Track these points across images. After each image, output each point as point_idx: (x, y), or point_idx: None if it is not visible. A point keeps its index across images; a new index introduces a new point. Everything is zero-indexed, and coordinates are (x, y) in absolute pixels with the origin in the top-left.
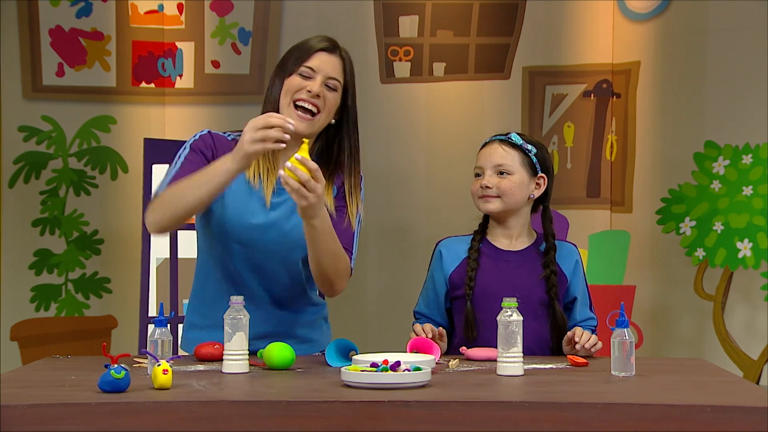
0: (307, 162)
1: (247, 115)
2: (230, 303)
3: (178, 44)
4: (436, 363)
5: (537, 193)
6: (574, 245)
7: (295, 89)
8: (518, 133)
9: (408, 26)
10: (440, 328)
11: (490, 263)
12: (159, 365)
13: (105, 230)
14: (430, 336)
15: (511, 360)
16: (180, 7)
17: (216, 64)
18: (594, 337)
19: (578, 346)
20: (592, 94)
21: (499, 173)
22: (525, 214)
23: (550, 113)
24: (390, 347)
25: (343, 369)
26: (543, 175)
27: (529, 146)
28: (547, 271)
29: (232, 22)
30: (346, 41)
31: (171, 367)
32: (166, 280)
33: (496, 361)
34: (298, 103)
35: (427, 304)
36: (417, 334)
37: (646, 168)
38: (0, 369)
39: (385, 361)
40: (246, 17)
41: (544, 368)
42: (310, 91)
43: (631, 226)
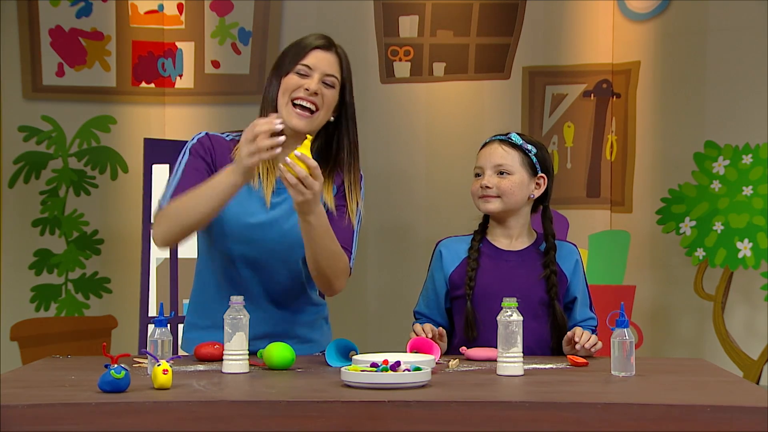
0: (306, 159)
1: (247, 115)
2: (230, 303)
3: (178, 44)
4: (436, 363)
5: (537, 193)
6: (574, 245)
7: (292, 88)
8: (518, 133)
9: (408, 26)
10: (440, 328)
11: (491, 263)
12: (159, 365)
13: (105, 230)
14: (430, 336)
15: (511, 360)
16: (180, 7)
17: (216, 64)
18: (594, 337)
19: (578, 346)
20: (592, 94)
21: (499, 173)
22: (525, 214)
23: (550, 113)
24: (390, 347)
25: (343, 369)
26: (543, 175)
27: (529, 146)
28: (547, 271)
29: (232, 22)
30: (346, 41)
31: (171, 367)
32: (166, 280)
33: (496, 361)
34: (296, 101)
35: (427, 304)
36: (417, 334)
37: (646, 168)
38: (0, 369)
39: (385, 361)
40: (246, 17)
41: (544, 368)
42: (308, 89)
43: (631, 226)
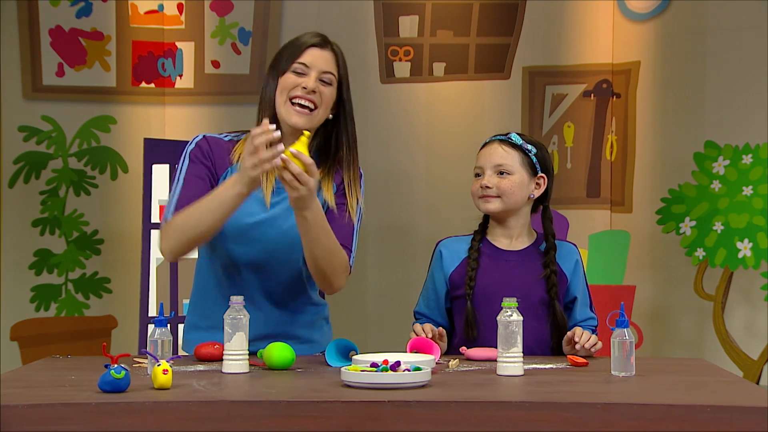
0: (302, 156)
1: (247, 115)
2: (230, 303)
3: (178, 44)
4: (436, 363)
5: (537, 193)
6: (574, 245)
7: (290, 87)
8: (518, 133)
9: (408, 26)
10: (440, 328)
11: (491, 263)
12: (159, 365)
13: (105, 230)
14: (430, 336)
15: (511, 360)
16: (180, 7)
17: (216, 64)
18: (594, 337)
19: (578, 346)
20: (592, 94)
21: (499, 173)
22: (525, 214)
23: (550, 113)
24: (390, 347)
25: (343, 369)
26: (543, 175)
27: (529, 146)
28: (548, 271)
29: (232, 22)
30: (346, 41)
31: (171, 367)
32: (166, 280)
33: (496, 361)
34: (295, 100)
35: (428, 304)
36: (417, 334)
37: (646, 168)
38: (0, 369)
39: (385, 361)
40: (246, 17)
41: (544, 368)
42: (306, 88)
43: (631, 226)
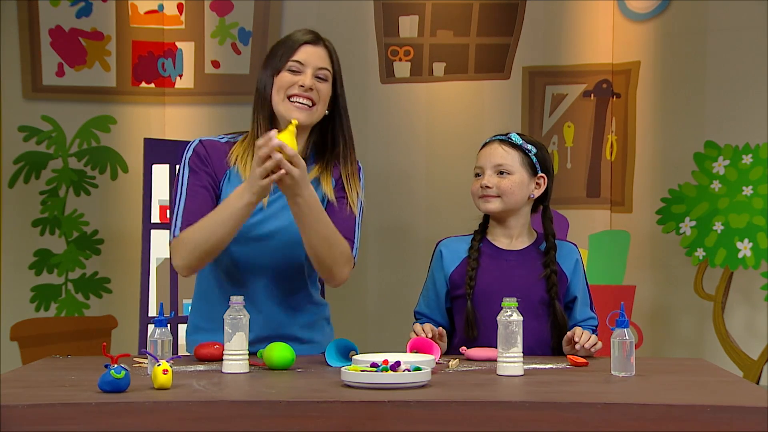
0: (286, 148)
1: (247, 115)
2: (230, 303)
3: (178, 44)
4: (436, 363)
5: (537, 193)
6: (574, 245)
7: (287, 85)
8: (518, 133)
9: (408, 26)
10: (440, 328)
11: (491, 263)
12: (159, 365)
13: (105, 230)
14: (430, 336)
15: (511, 360)
16: (180, 7)
17: (216, 64)
18: (594, 337)
19: (578, 346)
20: (592, 94)
21: (499, 173)
22: (525, 214)
23: (550, 113)
24: (390, 347)
25: (343, 369)
26: (543, 174)
27: (529, 146)
28: (548, 271)
29: (232, 22)
30: (346, 41)
31: (171, 367)
32: (166, 280)
33: (496, 361)
34: (293, 99)
35: (428, 304)
36: (417, 334)
37: (646, 168)
38: (0, 369)
39: (385, 361)
40: (246, 17)
41: (544, 368)
42: (303, 86)
43: (631, 226)
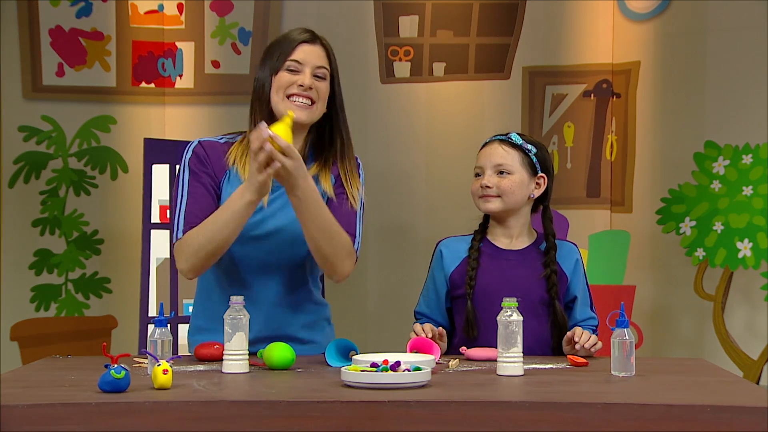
0: (277, 139)
1: (247, 115)
2: (230, 303)
3: (178, 44)
4: (436, 363)
5: (537, 193)
6: (575, 244)
7: (286, 85)
8: (518, 133)
9: (408, 26)
10: (440, 328)
11: (491, 262)
12: (159, 365)
13: (105, 230)
14: (430, 336)
15: (511, 360)
16: (180, 7)
17: (216, 64)
18: (594, 337)
19: (578, 346)
20: (592, 94)
21: (499, 173)
22: (525, 214)
23: (550, 113)
24: (390, 347)
25: (343, 369)
26: (543, 174)
27: (529, 146)
28: (548, 271)
29: (232, 22)
30: (346, 41)
31: (171, 367)
32: (166, 280)
33: (496, 361)
34: (292, 98)
35: (428, 304)
36: (417, 334)
37: (646, 168)
38: (0, 369)
39: (385, 361)
40: (246, 17)
41: (544, 368)
42: (302, 85)
43: (631, 226)
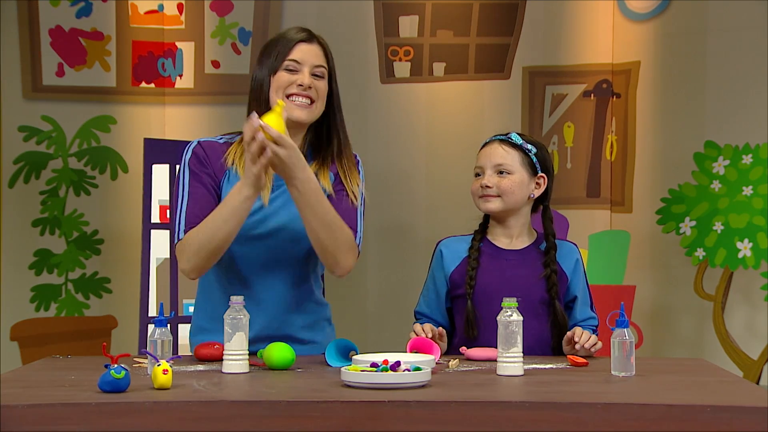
0: (268, 129)
1: (247, 115)
2: (230, 303)
3: (178, 44)
4: (436, 363)
5: (537, 193)
6: (575, 244)
7: (285, 85)
8: (518, 133)
9: (408, 26)
10: (440, 328)
11: (491, 262)
12: (159, 365)
13: (105, 230)
14: (430, 336)
15: (511, 360)
16: (180, 7)
17: (216, 64)
18: (594, 337)
19: (578, 346)
20: (592, 94)
21: (499, 173)
22: (525, 214)
23: (550, 113)
24: (390, 347)
25: (343, 369)
26: (543, 174)
27: (529, 146)
28: (548, 270)
29: (232, 22)
30: (346, 41)
31: (171, 367)
32: (166, 280)
33: (496, 361)
34: (292, 97)
35: (428, 304)
36: (417, 334)
37: (646, 168)
38: (0, 369)
39: (385, 361)
40: (246, 17)
41: (544, 368)
42: (301, 85)
43: (631, 226)
